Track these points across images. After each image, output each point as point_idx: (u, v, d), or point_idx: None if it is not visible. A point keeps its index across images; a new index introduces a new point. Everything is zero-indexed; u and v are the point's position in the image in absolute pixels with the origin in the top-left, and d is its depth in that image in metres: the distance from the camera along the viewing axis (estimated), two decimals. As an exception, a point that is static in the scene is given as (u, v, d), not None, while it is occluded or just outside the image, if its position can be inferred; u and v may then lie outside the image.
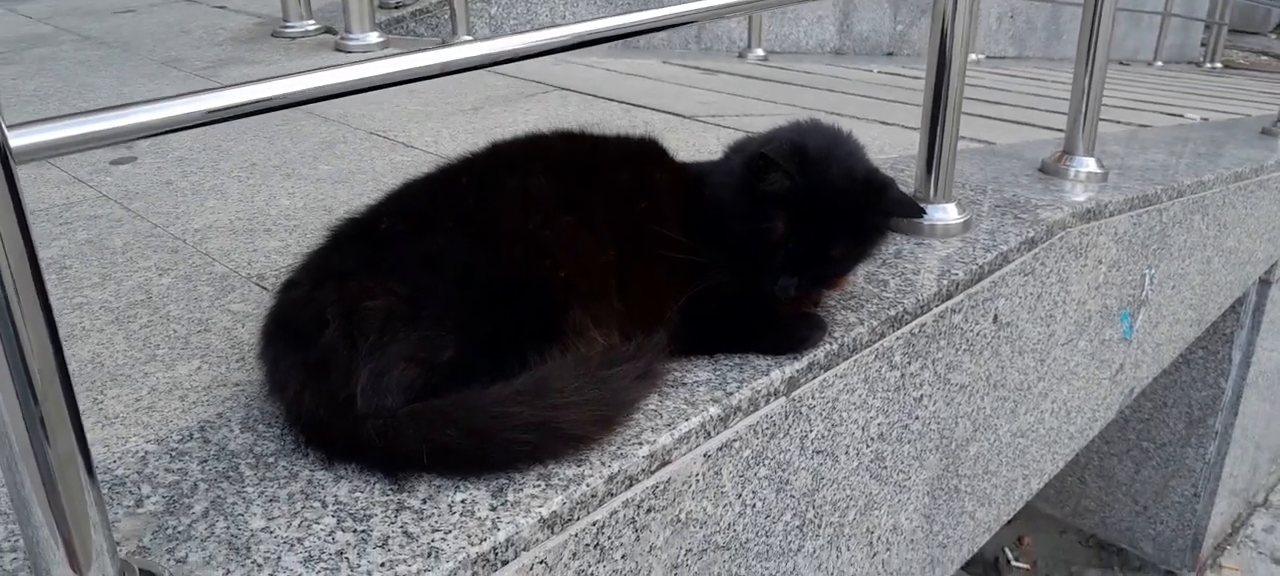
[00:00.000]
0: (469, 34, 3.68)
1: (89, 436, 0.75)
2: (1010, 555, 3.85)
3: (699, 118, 2.75)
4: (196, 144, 2.32)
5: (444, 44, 0.96)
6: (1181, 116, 3.78)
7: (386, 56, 0.95)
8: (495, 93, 2.99)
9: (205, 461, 1.01)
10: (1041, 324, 1.82)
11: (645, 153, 1.30)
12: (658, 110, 2.85)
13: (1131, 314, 2.20)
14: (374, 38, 3.59)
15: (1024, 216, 1.78)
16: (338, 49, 3.58)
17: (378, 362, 0.99)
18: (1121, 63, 7.58)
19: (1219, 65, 7.87)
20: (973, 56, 5.91)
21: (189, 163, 2.18)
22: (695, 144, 2.29)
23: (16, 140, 0.65)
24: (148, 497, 0.95)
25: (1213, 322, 2.99)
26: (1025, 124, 3.17)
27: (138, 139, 0.74)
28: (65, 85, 3.01)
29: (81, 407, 0.74)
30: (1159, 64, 7.61)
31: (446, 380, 1.00)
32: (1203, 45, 8.61)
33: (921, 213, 1.26)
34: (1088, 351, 2.06)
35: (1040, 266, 1.75)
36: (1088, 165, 2.10)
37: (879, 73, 4.91)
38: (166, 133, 0.76)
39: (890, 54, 6.45)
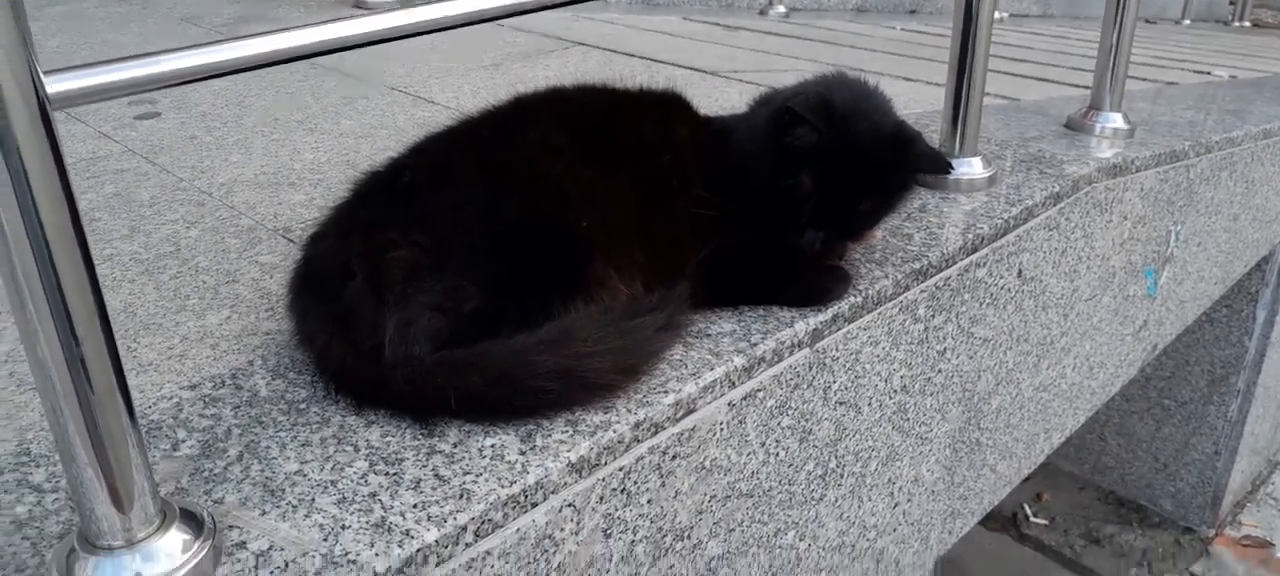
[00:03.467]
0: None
1: (126, 382, 0.77)
2: (1029, 511, 3.87)
3: (720, 73, 2.73)
4: (219, 100, 2.33)
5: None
6: (1209, 74, 3.72)
7: (409, 7, 0.95)
8: (515, 49, 2.98)
9: (238, 407, 1.03)
10: (1065, 279, 1.82)
11: (668, 106, 1.29)
12: (678, 66, 2.83)
13: (1156, 270, 2.19)
14: (394, -5, 3.58)
15: (1049, 171, 1.77)
16: (357, 6, 3.58)
17: (404, 312, 1.00)
18: (1148, 21, 7.45)
19: (1248, 24, 7.72)
20: (997, 14, 5.82)
21: (212, 118, 2.19)
22: (717, 99, 2.29)
23: (53, 86, 0.66)
24: (183, 441, 0.97)
25: (1237, 280, 2.97)
26: (1050, 81, 3.13)
27: (170, 86, 0.74)
28: (88, 42, 3.02)
29: (117, 354, 0.76)
30: (1186, 22, 7.48)
31: (471, 329, 1.01)
32: (1231, 4, 8.42)
33: (949, 167, 1.25)
34: (1111, 307, 2.06)
35: (1065, 221, 1.74)
36: (1114, 121, 2.08)
37: (902, 30, 4.86)
38: (199, 80, 0.77)
39: (913, 11, 6.37)
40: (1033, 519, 3.85)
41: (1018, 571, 3.64)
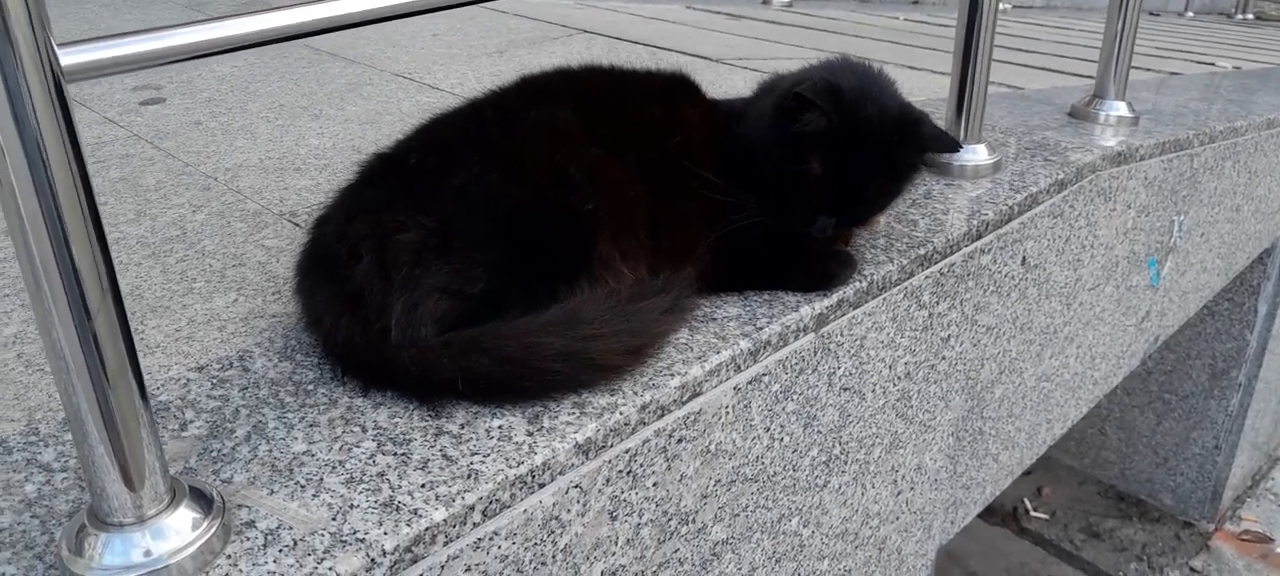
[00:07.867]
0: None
1: (134, 362, 0.77)
2: (1029, 504, 3.87)
3: (725, 60, 2.73)
4: (223, 86, 2.33)
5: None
6: (1213, 65, 3.72)
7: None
8: (519, 35, 2.98)
9: (246, 388, 1.03)
10: (1069, 267, 1.82)
11: (675, 88, 1.29)
12: (683, 53, 2.83)
13: (1159, 260, 2.19)
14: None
15: (1054, 159, 1.77)
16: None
17: (411, 294, 1.00)
18: (1152, 13, 7.44)
19: (1251, 16, 7.71)
20: (1001, 4, 5.81)
21: (217, 104, 2.19)
22: (723, 86, 2.27)
23: (67, 59, 0.66)
24: (191, 422, 0.97)
25: (1239, 273, 2.97)
26: (1054, 71, 3.13)
27: (185, 60, 0.74)
28: (91, 28, 3.02)
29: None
30: (1190, 15, 7.48)
31: (478, 311, 1.02)
32: (1234, -5, 8.42)
33: (957, 146, 1.25)
34: (1114, 297, 2.06)
35: (1069, 209, 1.74)
36: (1118, 109, 2.08)
37: (904, 20, 4.85)
38: (214, 54, 0.77)
39: (915, 2, 6.36)
40: (1033, 512, 3.86)
41: (1018, 564, 3.64)
